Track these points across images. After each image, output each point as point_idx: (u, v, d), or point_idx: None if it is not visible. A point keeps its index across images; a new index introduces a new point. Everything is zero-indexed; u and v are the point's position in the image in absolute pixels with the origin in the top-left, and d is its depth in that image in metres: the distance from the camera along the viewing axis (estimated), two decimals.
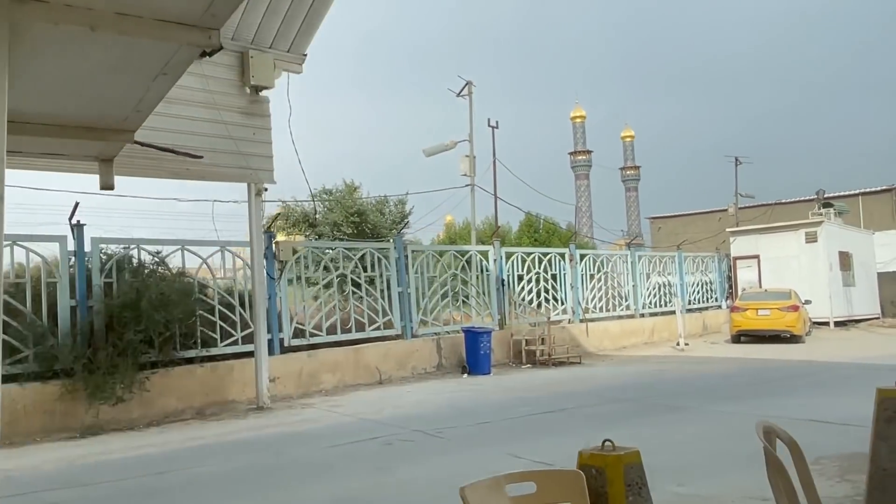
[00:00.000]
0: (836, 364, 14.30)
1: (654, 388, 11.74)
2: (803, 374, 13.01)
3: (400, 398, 11.61)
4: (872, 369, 13.13)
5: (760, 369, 14.02)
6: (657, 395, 10.99)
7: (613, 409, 9.92)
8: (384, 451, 7.63)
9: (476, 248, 16.94)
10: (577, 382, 12.90)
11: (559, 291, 18.77)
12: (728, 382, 12.22)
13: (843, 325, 23.63)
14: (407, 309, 14.58)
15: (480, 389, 12.37)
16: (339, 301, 13.46)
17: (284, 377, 12.12)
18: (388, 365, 13.81)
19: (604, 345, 19.35)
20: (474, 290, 16.41)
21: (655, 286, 22.27)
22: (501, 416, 9.47)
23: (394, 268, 14.53)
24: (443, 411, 10.15)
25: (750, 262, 24.88)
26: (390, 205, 34.81)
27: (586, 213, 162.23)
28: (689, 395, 10.82)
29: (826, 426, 8.01)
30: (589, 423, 8.86)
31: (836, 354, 16.06)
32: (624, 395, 10.89)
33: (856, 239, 25.85)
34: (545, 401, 10.70)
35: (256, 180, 10.92)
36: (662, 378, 13.21)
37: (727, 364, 15.15)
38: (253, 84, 10.89)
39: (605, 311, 20.28)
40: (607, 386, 12.28)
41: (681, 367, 14.96)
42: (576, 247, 19.39)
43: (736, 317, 20.00)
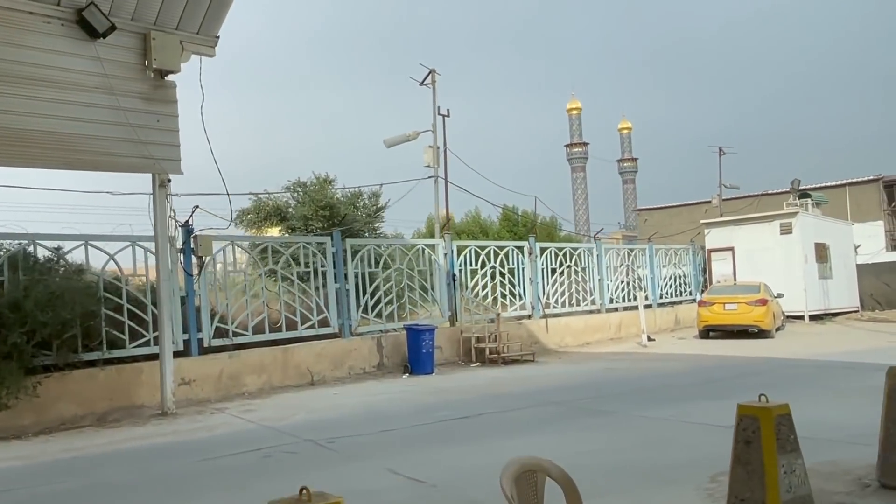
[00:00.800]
0: (794, 362, 13.62)
1: (591, 390, 11.06)
2: (755, 373, 12.32)
3: (321, 401, 10.94)
4: (829, 368, 12.46)
5: (714, 367, 13.34)
6: (591, 397, 10.32)
7: (535, 413, 9.24)
8: (257, 465, 6.95)
9: (424, 241, 16.24)
10: (516, 383, 12.22)
11: (518, 286, 18.08)
12: (673, 383, 11.54)
13: (820, 318, 22.93)
14: (345, 306, 13.88)
15: (412, 391, 11.70)
16: (267, 298, 12.76)
17: (202, 380, 11.44)
18: (321, 365, 13.12)
19: (565, 341, 18.67)
20: (423, 285, 15.71)
21: (624, 280, 21.57)
22: (413, 422, 8.79)
23: (330, 263, 13.84)
24: (356, 417, 9.48)
25: (725, 255, 24.17)
26: (364, 198, 34.10)
27: (582, 205, 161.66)
28: (623, 397, 10.15)
29: None
30: (499, 429, 8.18)
31: (800, 351, 15.36)
32: (555, 398, 10.20)
33: (834, 230, 25.12)
34: (470, 404, 10.03)
35: (159, 170, 10.20)
36: (608, 378, 12.53)
37: (683, 362, 14.47)
38: (156, 68, 10.15)
39: (569, 306, 19.59)
40: (545, 387, 11.60)
41: (634, 365, 14.29)
42: (534, 241, 18.65)
43: (703, 311, 19.30)
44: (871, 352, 14.51)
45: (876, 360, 12.97)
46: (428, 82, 22.83)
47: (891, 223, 39.77)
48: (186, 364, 11.32)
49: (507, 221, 46.06)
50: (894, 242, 39.09)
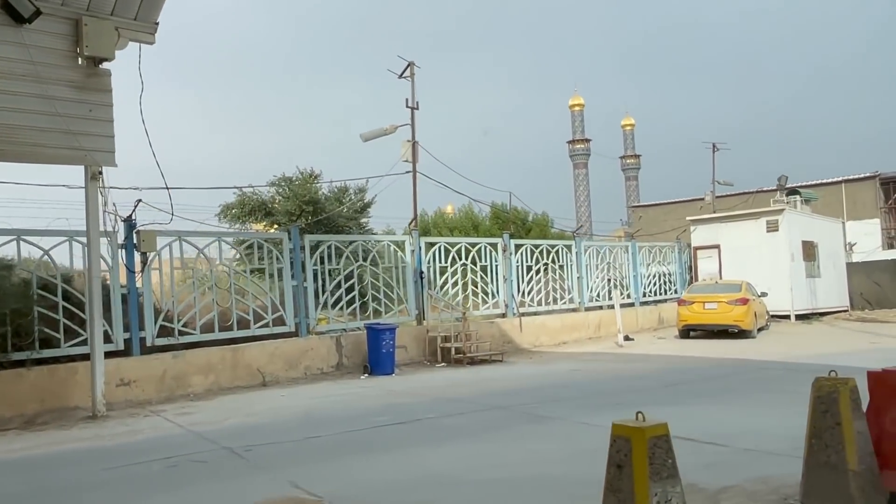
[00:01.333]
0: (766, 364, 13.13)
1: (546, 393, 10.59)
2: (721, 376, 11.84)
3: (264, 404, 10.50)
4: (799, 370, 11.95)
5: (682, 370, 12.87)
6: (542, 401, 9.85)
7: (476, 419, 8.78)
8: (156, 475, 6.51)
9: (389, 238, 15.78)
10: (473, 385, 11.77)
11: (491, 284, 17.62)
12: (633, 386, 11.07)
13: (806, 318, 22.42)
14: (302, 304, 13.44)
15: (363, 393, 11.25)
16: (217, 296, 12.33)
17: (143, 380, 11.03)
18: (275, 366, 12.69)
19: (541, 340, 18.21)
20: (388, 283, 15.26)
21: (604, 278, 21.09)
22: (345, 428, 8.34)
23: (287, 259, 13.39)
24: (291, 421, 9.04)
25: (710, 253, 23.67)
26: (350, 194, 33.67)
27: (584, 202, 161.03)
28: (574, 402, 9.68)
29: (685, 444, 6.86)
30: (429, 437, 7.73)
31: (777, 352, 14.88)
32: (504, 402, 9.74)
33: (822, 227, 24.57)
34: (414, 408, 9.59)
35: (91, 162, 9.76)
36: (569, 380, 12.07)
37: (653, 363, 14.00)
38: (88, 55, 9.71)
39: (545, 304, 19.13)
40: (499, 390, 11.13)
41: (602, 366, 13.82)
42: (509, 238, 18.18)
43: (682, 310, 18.82)
44: (849, 354, 14.03)
45: (850, 362, 12.50)
46: (406, 75, 22.33)
47: (887, 221, 39.18)
48: (126, 364, 10.91)
49: (497, 218, 45.69)
50: (891, 241, 38.50)
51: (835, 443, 4.65)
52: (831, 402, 4.77)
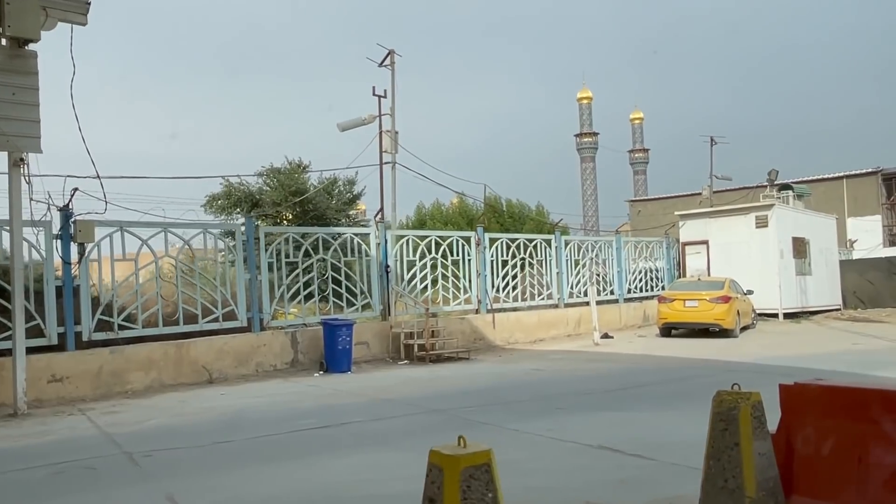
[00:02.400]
0: (737, 366, 12.57)
1: (493, 395, 10.10)
2: (684, 379, 11.30)
3: (199, 403, 10.05)
4: (767, 374, 11.38)
5: (648, 371, 12.36)
6: (484, 404, 9.35)
7: (405, 423, 8.30)
8: (38, 483, 6.07)
9: (353, 230, 15.27)
10: (424, 385, 11.29)
11: (463, 279, 17.10)
12: (589, 388, 10.54)
13: (796, 317, 21.78)
14: (256, 298, 12.98)
15: (307, 392, 10.79)
16: (161, 290, 11.87)
17: (77, 377, 10.59)
18: (223, 362, 12.24)
19: (515, 337, 17.70)
20: (351, 277, 14.77)
21: (586, 274, 20.53)
22: (265, 432, 7.87)
23: (240, 251, 12.93)
24: (214, 423, 8.59)
25: (699, 248, 23.05)
26: (339, 185, 33.18)
27: (591, 196, 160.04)
28: (516, 406, 9.17)
29: (608, 456, 6.36)
30: (345, 444, 7.25)
31: (755, 353, 14.31)
32: (444, 405, 9.24)
33: (814, 224, 23.87)
34: (349, 410, 9.12)
35: (13, 148, 9.30)
36: (525, 381, 11.56)
37: (621, 364, 13.46)
38: (11, 35, 9.25)
39: (521, 300, 18.60)
40: (449, 390, 10.64)
41: (567, 366, 13.30)
42: (482, 231, 17.65)
43: (662, 308, 18.25)
44: (825, 355, 13.48)
45: (825, 364, 11.99)
46: (387, 63, 21.81)
47: (889, 217, 38.36)
48: (59, 360, 10.48)
49: (490, 210, 45.15)
50: (892, 237, 37.71)
51: (733, 465, 4.13)
52: (731, 419, 4.24)
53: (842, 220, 38.15)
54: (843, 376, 10.51)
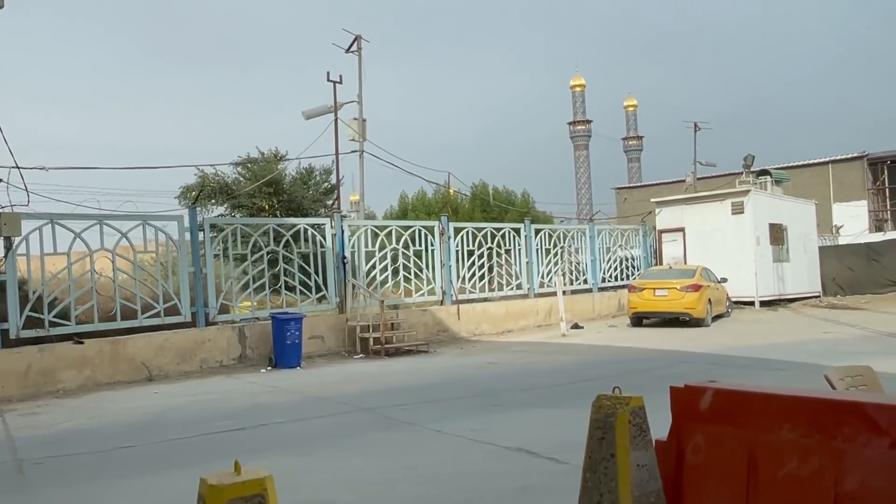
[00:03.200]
0: (698, 357, 12.17)
1: (435, 391, 9.68)
2: (639, 371, 10.88)
3: (125, 403, 9.63)
4: (726, 366, 11.02)
5: (606, 363, 11.97)
6: (421, 401, 8.94)
7: (328, 424, 7.89)
8: None
9: (306, 221, 14.79)
10: (370, 380, 10.89)
11: (427, 270, 16.67)
12: (536, 382, 10.13)
13: (773, 304, 21.41)
14: (200, 292, 12.54)
15: (244, 390, 10.37)
16: (96, 285, 11.42)
17: (2, 376, 10.16)
18: (164, 359, 11.81)
19: (481, 329, 17.30)
20: (305, 269, 14.33)
21: (558, 263, 20.12)
22: (176, 435, 7.45)
23: (183, 244, 12.48)
24: (131, 426, 8.15)
25: (675, 236, 22.63)
26: (316, 175, 32.71)
27: (585, 184, 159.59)
28: (454, 402, 8.77)
29: (524, 459, 5.96)
30: (255, 447, 6.85)
31: (721, 343, 13.91)
32: (380, 402, 8.84)
33: (792, 210, 23.43)
34: (277, 409, 8.71)
35: None
36: (475, 374, 11.17)
37: (582, 355, 13.06)
38: None
39: (489, 291, 18.20)
40: (391, 386, 10.25)
41: (524, 358, 12.91)
42: (447, 221, 17.20)
43: (632, 297, 17.85)
44: (793, 345, 13.09)
45: (785, 355, 11.62)
46: (354, 49, 21.32)
47: (875, 203, 37.96)
48: None
49: (478, 200, 44.69)
50: (878, 223, 37.32)
51: (609, 479, 3.71)
52: (608, 426, 3.81)
53: (827, 206, 37.78)
54: (795, 367, 10.14)
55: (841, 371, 4.26)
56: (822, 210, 37.27)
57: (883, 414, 3.19)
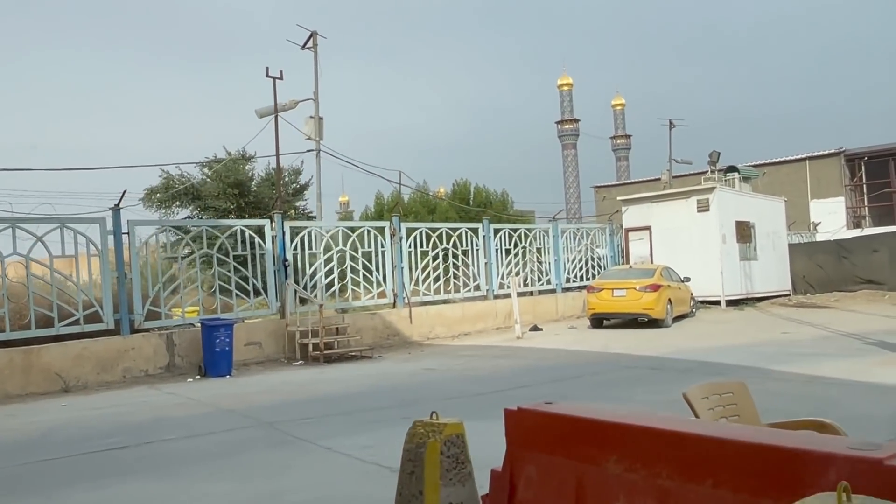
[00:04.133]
0: (643, 361, 11.67)
1: (355, 401, 9.19)
2: (573, 377, 10.40)
3: (26, 418, 9.07)
4: (667, 370, 10.55)
5: (545, 368, 11.47)
6: (335, 413, 8.44)
7: (220, 440, 7.33)
8: None
9: (244, 222, 14.24)
10: (295, 390, 10.37)
11: (377, 272, 16.15)
12: (465, 390, 9.63)
13: (740, 304, 20.97)
14: (124, 298, 11.98)
15: (157, 403, 9.81)
16: (6, 292, 10.85)
17: None
18: (83, 369, 11.25)
19: (436, 332, 16.80)
20: (241, 272, 13.78)
21: (518, 263, 19.64)
22: (52, 455, 6.89)
23: (104, 248, 11.91)
24: (12, 445, 7.60)
25: (642, 235, 22.17)
26: (285, 177, 32.14)
27: (573, 183, 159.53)
28: (366, 415, 8.25)
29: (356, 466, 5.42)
30: (128, 468, 6.30)
31: (674, 346, 13.45)
32: (289, 415, 8.32)
33: (761, 207, 22.99)
34: (175, 425, 8.16)
35: None
36: (407, 383, 10.64)
37: (529, 359, 12.59)
38: None
39: (445, 292, 17.70)
40: (313, 397, 9.74)
41: (470, 363, 12.41)
42: (398, 221, 16.68)
43: (591, 298, 17.39)
44: (746, 346, 12.65)
45: (733, 358, 11.17)
46: (310, 46, 20.79)
47: (852, 199, 37.63)
48: None
49: (457, 199, 44.21)
50: (856, 220, 36.99)
51: None
52: (418, 458, 3.31)
53: (805, 203, 37.46)
54: (736, 371, 9.68)
55: (706, 389, 3.74)
56: (800, 207, 36.97)
57: (705, 448, 2.71)
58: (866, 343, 12.52)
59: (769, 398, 8.02)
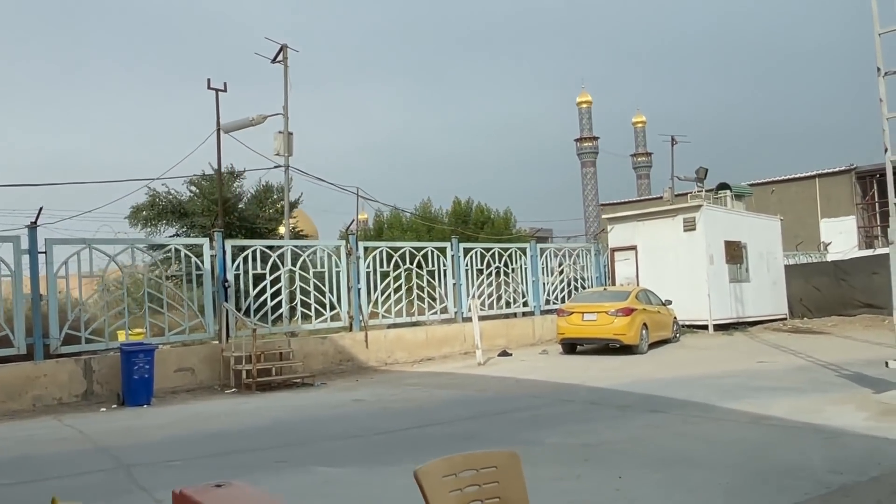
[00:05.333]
0: (590, 394, 10.71)
1: (248, 440, 8.36)
2: (502, 412, 9.47)
3: None
4: (605, 406, 9.57)
5: (486, 400, 10.59)
6: (211, 454, 7.60)
7: (57, 488, 6.53)
8: None
9: (179, 241, 13.53)
10: (204, 424, 9.55)
11: (332, 293, 15.33)
12: (378, 426, 8.74)
13: (730, 328, 19.82)
14: (38, 321, 11.29)
15: (42, 437, 9.02)
16: None
17: None
18: None
19: (396, 357, 15.92)
20: (175, 294, 13.05)
21: (492, 284, 18.73)
22: None
23: (19, 267, 11.24)
24: None
25: (628, 255, 21.14)
26: (273, 195, 31.57)
27: (592, 201, 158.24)
28: (245, 457, 7.41)
29: None
30: None
31: (635, 376, 12.46)
32: (165, 455, 7.52)
33: (753, 226, 21.84)
34: (23, 466, 7.38)
35: None
36: (321, 417, 9.81)
37: (475, 390, 11.67)
38: None
39: (408, 315, 16.83)
40: (211, 432, 8.92)
41: (410, 393, 11.57)
42: (355, 240, 15.88)
43: (560, 322, 16.40)
44: (710, 378, 11.60)
45: (688, 393, 10.19)
46: (280, 59, 20.21)
47: (864, 218, 36.17)
48: None
49: (456, 217, 43.44)
50: (868, 239, 35.51)
51: None
52: None
53: (815, 222, 36.09)
54: (680, 408, 8.74)
55: (456, 463, 2.84)
56: (810, 226, 35.62)
57: None
58: (840, 375, 11.44)
59: (697, 444, 7.05)
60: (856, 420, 7.78)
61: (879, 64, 9.42)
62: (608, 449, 7.00)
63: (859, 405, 8.61)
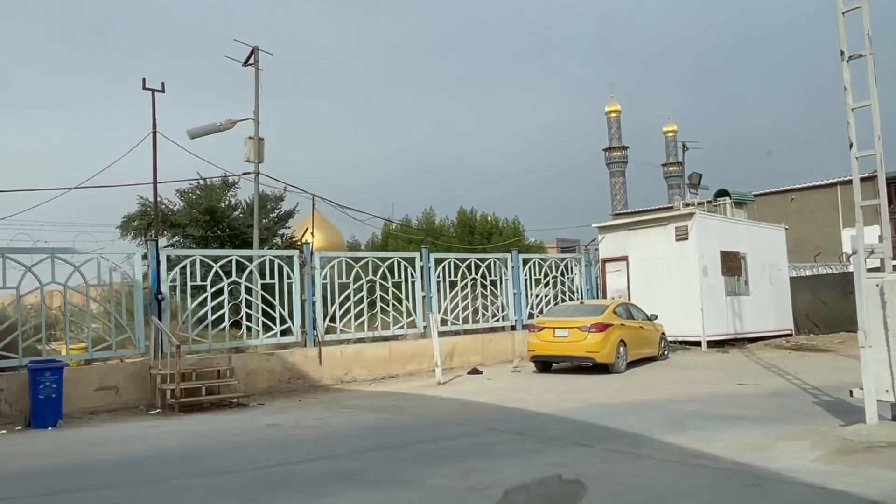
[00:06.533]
0: (526, 419, 9.58)
1: (114, 473, 7.41)
2: (414, 443, 8.37)
3: None
4: (527, 436, 8.43)
5: (415, 427, 9.58)
6: (55, 491, 6.68)
7: None
8: None
9: (105, 251, 12.68)
10: (86, 452, 8.67)
11: (284, 307, 14.40)
12: (274, 459, 7.74)
13: (725, 344, 18.42)
14: None
15: None
16: None
17: None
18: None
19: (354, 375, 14.92)
20: (101, 309, 12.23)
21: (466, 297, 17.65)
22: None
23: None
24: None
25: (619, 265, 19.91)
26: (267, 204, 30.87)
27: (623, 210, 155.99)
28: (83, 496, 6.47)
29: None
30: None
31: (595, 400, 11.29)
32: (16, 491, 6.62)
33: (753, 235, 20.37)
34: None
35: None
36: (211, 447, 8.82)
37: (408, 415, 10.60)
38: None
39: (370, 330, 15.82)
40: (79, 463, 8.01)
41: (338, 418, 10.54)
42: (308, 249, 14.94)
43: (531, 339, 15.25)
44: (672, 403, 10.40)
45: (629, 423, 9.03)
46: (252, 62, 19.47)
47: (892, 227, 34.14)
48: None
49: (462, 226, 42.48)
50: None
51: None
52: None
53: (836, 232, 34.24)
54: (612, 440, 7.61)
55: None
56: (831, 237, 33.81)
57: None
58: (818, 402, 10.19)
59: (596, 490, 5.87)
60: (801, 461, 6.56)
61: (843, 47, 8.24)
62: (488, 495, 5.88)
63: (816, 442, 7.37)
